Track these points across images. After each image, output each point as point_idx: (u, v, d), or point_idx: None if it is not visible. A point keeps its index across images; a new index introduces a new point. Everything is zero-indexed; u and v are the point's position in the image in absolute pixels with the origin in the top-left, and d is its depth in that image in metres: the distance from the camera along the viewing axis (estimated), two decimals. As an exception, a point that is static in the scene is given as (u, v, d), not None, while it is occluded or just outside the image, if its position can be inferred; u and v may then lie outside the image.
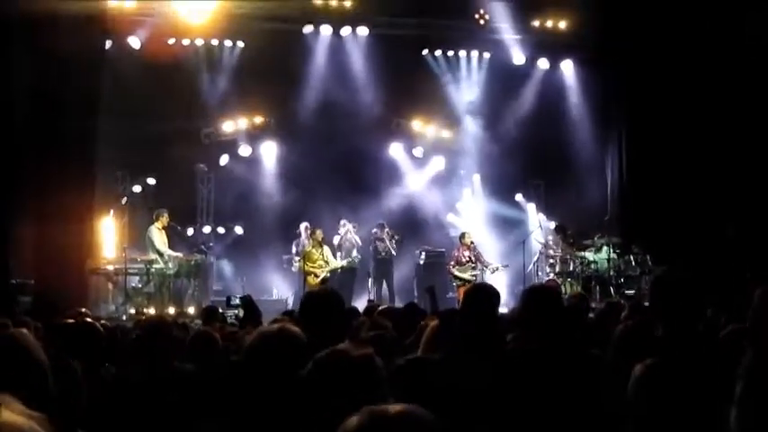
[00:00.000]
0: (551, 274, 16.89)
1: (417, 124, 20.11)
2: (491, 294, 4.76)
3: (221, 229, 19.66)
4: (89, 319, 5.97)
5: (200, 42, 19.07)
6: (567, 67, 19.79)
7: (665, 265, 11.19)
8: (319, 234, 16.97)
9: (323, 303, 4.44)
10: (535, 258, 17.84)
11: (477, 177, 20.31)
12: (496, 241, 19.20)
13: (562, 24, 19.24)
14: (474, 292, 4.80)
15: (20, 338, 2.54)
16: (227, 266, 19.45)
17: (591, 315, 7.77)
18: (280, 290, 18.81)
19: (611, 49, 18.30)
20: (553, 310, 4.49)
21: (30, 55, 14.81)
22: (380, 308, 7.19)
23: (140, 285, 16.38)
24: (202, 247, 17.97)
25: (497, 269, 17.13)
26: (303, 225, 17.71)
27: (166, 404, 4.42)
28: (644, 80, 17.49)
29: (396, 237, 18.07)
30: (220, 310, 11.14)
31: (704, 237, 15.58)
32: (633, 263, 16.21)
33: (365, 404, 1.84)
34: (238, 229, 19.54)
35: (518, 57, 19.64)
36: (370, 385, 2.67)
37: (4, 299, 12.72)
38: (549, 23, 19.30)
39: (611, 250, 16.37)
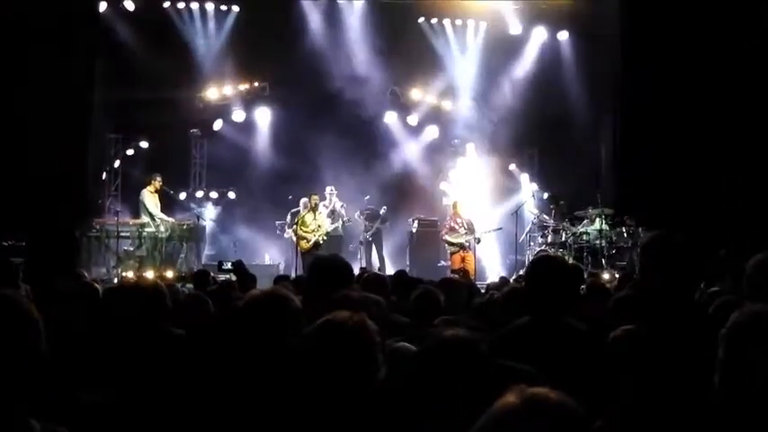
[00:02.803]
0: (543, 245, 16.91)
1: (412, 92, 20.02)
2: (563, 268, 4.43)
3: (214, 194, 19.65)
4: (88, 281, 5.97)
5: (195, 6, 18.96)
6: (564, 38, 19.68)
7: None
8: (315, 199, 16.87)
9: (333, 271, 4.26)
10: (528, 228, 17.83)
11: (471, 146, 20.26)
12: (489, 210, 19.19)
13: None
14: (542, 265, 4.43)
15: (15, 297, 2.54)
16: (219, 231, 19.42)
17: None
18: (272, 255, 18.77)
19: (607, 20, 18.19)
20: (561, 282, 4.28)
21: (23, 17, 14.73)
22: (367, 274, 7.10)
23: (132, 248, 16.40)
24: (194, 211, 17.97)
25: (489, 232, 17.32)
26: (303, 200, 17.48)
27: (157, 367, 4.43)
28: (639, 51, 17.40)
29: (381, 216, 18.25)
30: (212, 275, 11.17)
31: (698, 210, 15.56)
32: (625, 234, 16.20)
33: (360, 371, 1.77)
34: (231, 194, 19.52)
35: (515, 26, 19.55)
36: (363, 352, 2.67)
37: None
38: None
39: (604, 221, 16.36)
